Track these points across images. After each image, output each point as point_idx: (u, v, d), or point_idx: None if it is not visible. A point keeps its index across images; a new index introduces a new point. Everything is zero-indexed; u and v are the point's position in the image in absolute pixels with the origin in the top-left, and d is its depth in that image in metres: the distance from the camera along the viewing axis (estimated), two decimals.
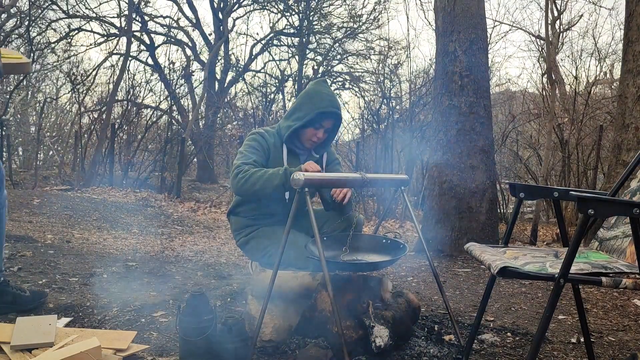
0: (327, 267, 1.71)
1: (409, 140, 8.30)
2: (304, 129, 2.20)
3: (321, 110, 2.14)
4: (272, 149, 2.23)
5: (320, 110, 2.14)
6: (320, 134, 2.22)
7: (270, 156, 2.22)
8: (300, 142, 2.26)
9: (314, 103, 2.16)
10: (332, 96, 2.19)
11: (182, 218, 6.66)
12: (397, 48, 10.87)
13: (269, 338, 1.92)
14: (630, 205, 1.20)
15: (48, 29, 11.31)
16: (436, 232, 4.26)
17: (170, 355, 1.86)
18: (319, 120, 2.17)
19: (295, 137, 2.24)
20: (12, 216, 5.03)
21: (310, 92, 2.21)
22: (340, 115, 2.22)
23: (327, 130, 2.24)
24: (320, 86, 2.22)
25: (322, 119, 2.17)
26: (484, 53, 4.35)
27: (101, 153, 11.04)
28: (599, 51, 11.18)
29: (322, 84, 2.24)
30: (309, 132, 2.21)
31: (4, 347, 1.76)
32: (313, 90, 2.21)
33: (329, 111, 2.15)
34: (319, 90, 2.20)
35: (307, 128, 2.19)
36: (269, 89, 13.56)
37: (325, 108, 2.14)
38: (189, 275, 3.14)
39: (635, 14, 3.99)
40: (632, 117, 3.96)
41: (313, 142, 2.24)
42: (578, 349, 2.06)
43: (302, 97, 2.23)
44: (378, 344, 1.78)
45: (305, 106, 2.17)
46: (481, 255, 1.60)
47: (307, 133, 2.21)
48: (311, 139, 2.22)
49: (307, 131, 2.20)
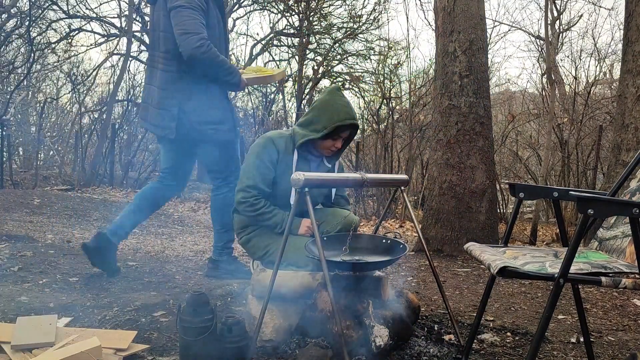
0: (327, 267, 1.71)
1: (409, 140, 8.30)
2: (322, 140, 2.22)
3: (340, 123, 2.16)
4: (281, 155, 2.23)
5: (339, 124, 2.16)
6: (338, 144, 2.26)
7: (278, 163, 2.23)
8: (316, 150, 2.27)
9: (331, 116, 2.16)
10: (348, 107, 2.21)
11: (183, 218, 6.66)
12: (397, 48, 10.86)
13: (269, 338, 1.92)
14: (630, 205, 1.21)
15: (48, 29, 11.30)
16: (436, 232, 4.26)
17: (170, 355, 1.86)
18: (337, 132, 2.19)
19: (312, 146, 2.26)
20: (13, 216, 5.03)
21: (326, 102, 2.20)
22: (358, 125, 2.26)
23: (344, 140, 2.27)
24: (335, 96, 2.22)
25: (340, 130, 2.20)
26: (483, 53, 4.35)
27: (101, 153, 11.04)
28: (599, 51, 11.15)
29: (337, 93, 2.25)
30: (327, 143, 2.24)
31: (5, 347, 1.76)
32: (328, 100, 2.21)
33: (347, 124, 2.18)
34: (334, 101, 2.20)
35: (325, 140, 2.22)
36: (269, 89, 13.56)
37: (344, 121, 2.17)
38: (189, 275, 3.15)
39: (635, 14, 3.99)
40: (631, 117, 3.96)
41: (332, 151, 2.28)
42: (578, 349, 2.06)
43: (319, 109, 2.21)
44: (378, 343, 1.78)
45: (323, 118, 2.17)
46: (481, 255, 1.61)
47: (325, 144, 2.24)
48: (330, 148, 2.26)
49: (326, 142, 2.24)
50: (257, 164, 2.20)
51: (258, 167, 2.20)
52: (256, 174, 2.19)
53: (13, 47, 11.84)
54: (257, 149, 2.23)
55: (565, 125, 7.57)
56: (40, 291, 2.53)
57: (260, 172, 2.19)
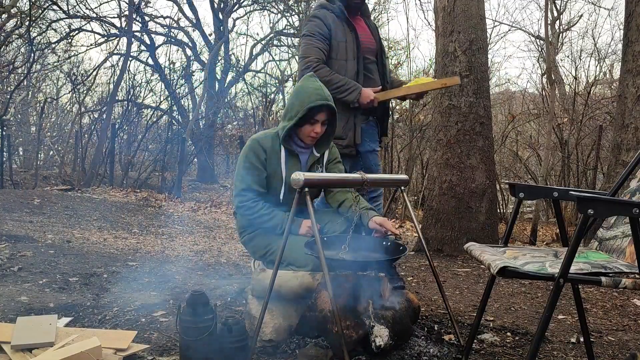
0: (327, 267, 1.71)
1: (409, 140, 8.30)
2: (300, 127, 2.20)
3: (310, 104, 2.14)
4: (270, 153, 2.23)
5: (310, 105, 2.14)
6: (317, 128, 2.22)
7: (267, 161, 2.23)
8: (301, 139, 2.26)
9: (302, 99, 2.16)
10: (319, 89, 2.19)
11: (183, 218, 6.67)
12: (397, 48, 10.86)
13: (269, 338, 1.92)
14: (630, 205, 1.21)
15: (48, 29, 11.30)
16: (436, 232, 4.26)
17: (170, 355, 1.86)
18: (311, 115, 2.18)
19: (294, 136, 2.25)
20: (13, 216, 5.03)
21: (298, 89, 2.22)
22: (332, 105, 2.22)
23: (324, 123, 2.24)
24: (307, 81, 2.22)
25: (314, 113, 2.17)
26: (483, 53, 4.35)
27: (101, 153, 11.05)
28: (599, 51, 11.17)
29: (308, 79, 2.24)
30: (306, 129, 2.21)
31: (5, 347, 1.76)
32: (300, 86, 2.22)
33: (319, 104, 2.16)
34: (305, 85, 2.20)
35: (302, 126, 2.20)
36: (269, 89, 13.57)
37: (314, 102, 2.14)
38: (189, 275, 3.15)
39: (635, 14, 3.99)
40: (631, 117, 3.96)
41: (313, 137, 2.24)
42: (578, 349, 2.06)
43: (292, 96, 2.24)
44: (378, 343, 1.78)
45: (295, 104, 2.18)
46: (481, 255, 1.61)
47: (304, 130, 2.22)
48: (310, 134, 2.23)
49: (304, 128, 2.21)
50: (248, 166, 2.21)
51: (249, 170, 2.20)
52: (248, 177, 2.20)
53: (13, 47, 11.85)
54: (245, 153, 2.24)
55: (565, 125, 7.57)
56: (40, 291, 2.53)
57: (252, 174, 2.20)
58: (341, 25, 2.73)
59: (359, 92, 2.69)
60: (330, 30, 2.71)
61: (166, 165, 10.61)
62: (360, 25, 2.82)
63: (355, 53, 2.75)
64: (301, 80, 2.27)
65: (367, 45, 2.81)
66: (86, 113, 12.97)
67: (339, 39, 2.72)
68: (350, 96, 2.69)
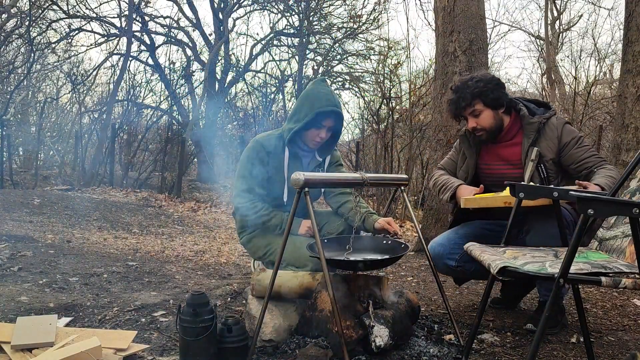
0: (327, 267, 1.71)
1: (409, 140, 8.29)
2: (306, 130, 2.20)
3: (319, 110, 2.14)
4: (272, 155, 2.23)
5: (319, 110, 2.14)
6: (322, 133, 2.22)
7: (269, 162, 2.22)
8: (305, 143, 2.26)
9: (312, 103, 2.16)
10: (330, 95, 2.19)
11: (183, 218, 6.66)
12: (397, 48, 10.86)
13: (269, 338, 1.92)
14: (630, 205, 1.21)
15: (48, 29, 11.30)
16: (436, 232, 4.26)
17: (170, 355, 1.86)
18: (319, 120, 2.17)
19: (299, 138, 2.24)
20: (13, 216, 5.03)
21: (308, 92, 2.21)
22: (340, 113, 2.22)
23: (330, 129, 2.24)
24: (318, 86, 2.22)
25: (322, 118, 2.17)
26: (483, 53, 4.35)
27: (101, 153, 11.05)
28: (599, 51, 11.16)
29: (320, 83, 2.24)
30: (311, 133, 2.21)
31: (5, 347, 1.76)
32: (311, 90, 2.21)
33: (328, 110, 2.15)
34: (317, 90, 2.20)
35: (308, 129, 2.20)
36: (269, 89, 13.55)
37: (324, 107, 2.14)
38: (189, 275, 3.15)
39: (635, 14, 3.99)
40: (631, 117, 3.95)
41: (317, 142, 2.24)
42: (578, 349, 2.06)
43: (301, 99, 2.23)
44: (378, 343, 1.78)
45: (305, 107, 2.17)
46: (481, 255, 1.61)
47: (310, 134, 2.21)
48: (314, 139, 2.23)
49: (310, 132, 2.21)
50: (249, 168, 2.21)
51: (250, 171, 2.20)
52: (249, 178, 2.20)
53: (13, 47, 11.84)
54: (247, 153, 2.24)
55: None
56: (40, 291, 2.53)
57: (253, 175, 2.20)
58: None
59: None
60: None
61: (166, 165, 10.61)
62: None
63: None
64: (312, 83, 2.26)
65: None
66: (86, 113, 12.97)
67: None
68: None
